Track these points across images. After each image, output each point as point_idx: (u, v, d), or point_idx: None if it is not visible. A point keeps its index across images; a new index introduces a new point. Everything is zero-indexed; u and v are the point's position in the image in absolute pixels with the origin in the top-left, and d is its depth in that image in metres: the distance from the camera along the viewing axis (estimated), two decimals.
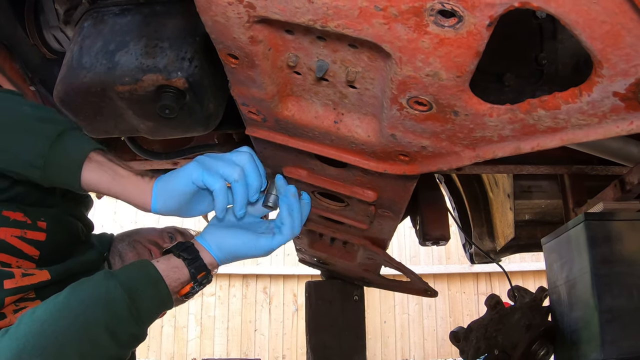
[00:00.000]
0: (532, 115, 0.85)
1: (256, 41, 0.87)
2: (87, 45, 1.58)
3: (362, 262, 2.06)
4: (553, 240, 2.09)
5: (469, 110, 0.87)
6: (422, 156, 1.04)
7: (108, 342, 1.14)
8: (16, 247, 1.32)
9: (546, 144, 0.89)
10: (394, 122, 0.95)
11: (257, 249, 1.31)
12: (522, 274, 7.06)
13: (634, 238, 1.85)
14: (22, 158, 1.18)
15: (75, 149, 1.21)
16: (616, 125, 0.82)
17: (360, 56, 0.87)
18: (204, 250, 1.31)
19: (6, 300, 1.24)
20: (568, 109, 0.81)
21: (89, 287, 1.17)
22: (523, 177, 2.71)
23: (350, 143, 1.07)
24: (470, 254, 3.32)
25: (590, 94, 0.77)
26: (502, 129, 0.90)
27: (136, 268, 1.24)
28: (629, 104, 0.77)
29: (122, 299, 1.15)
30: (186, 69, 1.50)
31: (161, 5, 1.62)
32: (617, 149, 2.02)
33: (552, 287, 2.10)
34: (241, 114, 1.13)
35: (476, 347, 2.11)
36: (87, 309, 1.13)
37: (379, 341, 7.25)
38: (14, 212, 1.33)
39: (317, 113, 1.05)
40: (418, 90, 0.85)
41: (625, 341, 1.73)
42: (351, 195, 1.28)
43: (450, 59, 0.77)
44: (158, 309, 1.24)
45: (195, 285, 1.27)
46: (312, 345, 2.70)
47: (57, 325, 1.10)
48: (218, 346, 7.10)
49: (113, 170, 1.24)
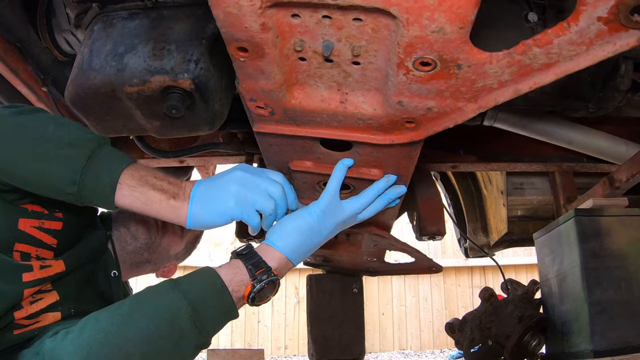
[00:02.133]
0: (527, 55, 0.88)
1: (267, 28, 0.88)
2: (97, 48, 1.59)
3: (367, 251, 2.06)
4: (544, 235, 2.10)
5: (471, 61, 0.89)
6: (428, 119, 1.05)
7: (171, 352, 1.12)
8: (35, 237, 1.33)
9: (542, 81, 0.92)
10: (400, 88, 0.96)
11: (313, 215, 1.28)
12: (514, 268, 7.06)
13: (622, 233, 1.85)
14: (56, 186, 1.17)
15: (105, 173, 1.18)
16: (602, 49, 0.86)
17: (365, 29, 0.88)
18: (267, 247, 1.27)
19: (25, 293, 1.25)
20: (559, 42, 0.85)
21: (153, 298, 1.15)
22: (516, 174, 2.72)
23: (357, 120, 1.08)
24: (465, 248, 3.32)
25: (578, 23, 0.82)
26: (502, 74, 0.92)
27: (201, 278, 1.19)
28: (612, 26, 0.81)
29: (186, 311, 1.12)
30: (192, 70, 1.50)
31: (168, 9, 1.63)
32: (606, 148, 2.02)
33: (543, 280, 2.10)
34: (248, 112, 1.13)
35: (471, 337, 2.12)
36: (151, 323, 1.10)
37: (377, 332, 7.26)
38: (32, 204, 1.34)
39: (323, 96, 1.06)
40: (424, 49, 0.86)
41: (613, 332, 1.74)
42: (358, 176, 1.29)
43: (453, 11, 0.78)
44: (223, 319, 1.20)
45: (255, 283, 1.20)
46: (313, 335, 2.71)
47: (122, 338, 1.08)
48: (223, 337, 7.11)
49: (145, 195, 1.21)
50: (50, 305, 1.32)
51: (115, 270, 1.54)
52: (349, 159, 1.27)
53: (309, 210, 1.29)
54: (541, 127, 1.97)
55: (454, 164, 2.40)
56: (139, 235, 1.65)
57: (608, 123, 2.24)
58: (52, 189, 1.18)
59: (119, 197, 1.19)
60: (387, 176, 1.30)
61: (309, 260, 2.40)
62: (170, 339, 1.11)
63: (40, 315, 1.29)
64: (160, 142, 1.98)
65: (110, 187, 1.18)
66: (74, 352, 1.09)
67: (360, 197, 1.31)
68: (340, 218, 1.31)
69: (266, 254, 1.25)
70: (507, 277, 2.35)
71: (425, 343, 7.25)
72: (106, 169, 1.19)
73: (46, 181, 1.17)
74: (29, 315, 1.27)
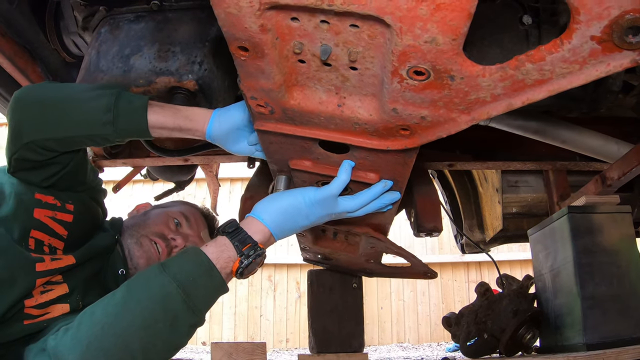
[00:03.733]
0: (520, 70, 0.86)
1: (266, 29, 0.88)
2: (104, 50, 1.59)
3: (365, 252, 2.06)
4: (538, 232, 2.10)
5: (464, 73, 0.88)
6: (422, 127, 1.05)
7: (168, 335, 1.13)
8: (49, 226, 1.37)
9: (535, 97, 0.91)
10: (395, 95, 0.96)
11: (306, 199, 1.28)
12: (509, 263, 7.07)
13: (614, 229, 1.85)
14: (94, 120, 1.27)
15: (135, 99, 1.30)
16: (595, 69, 0.84)
17: (361, 35, 0.88)
18: (253, 220, 1.28)
19: (37, 282, 1.27)
20: (552, 59, 0.83)
21: (144, 285, 1.15)
22: (510, 172, 2.71)
23: (353, 124, 1.08)
24: (461, 244, 3.32)
25: (571, 41, 0.80)
26: (494, 88, 0.91)
27: (188, 258, 1.20)
28: (605, 46, 0.79)
29: (177, 293, 1.13)
30: (196, 71, 1.50)
31: (173, 12, 1.63)
32: (599, 147, 2.02)
33: (537, 275, 2.10)
34: (249, 109, 1.13)
35: (467, 331, 2.12)
36: (145, 308, 1.11)
37: (376, 326, 7.27)
38: (46, 195, 1.38)
39: (321, 99, 1.05)
40: (417, 59, 0.86)
41: (605, 326, 1.74)
42: (355, 179, 1.29)
43: (445, 22, 0.78)
44: (213, 296, 1.20)
45: (243, 258, 1.21)
46: (313, 329, 2.71)
47: (118, 327, 1.09)
48: (226, 331, 7.12)
49: (173, 107, 1.35)
50: (60, 296, 1.34)
51: (123, 268, 1.55)
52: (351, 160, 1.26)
53: (303, 194, 1.29)
54: (536, 126, 1.98)
55: (451, 163, 2.41)
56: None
57: (600, 123, 2.24)
58: (91, 124, 1.27)
59: (151, 115, 1.29)
60: (384, 181, 1.29)
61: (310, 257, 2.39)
62: (165, 322, 1.11)
63: (50, 306, 1.31)
64: (165, 142, 1.98)
65: (142, 107, 1.29)
66: (73, 348, 1.10)
67: (356, 197, 1.31)
68: (332, 211, 1.31)
69: (251, 227, 1.26)
70: (502, 273, 2.35)
71: (422, 336, 7.25)
72: (135, 98, 1.31)
73: (85, 118, 1.27)
74: (38, 305, 1.28)
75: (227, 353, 2.93)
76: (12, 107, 1.30)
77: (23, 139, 1.28)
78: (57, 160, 1.36)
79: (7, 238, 1.26)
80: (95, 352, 1.08)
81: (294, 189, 1.32)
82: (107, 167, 2.38)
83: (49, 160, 1.34)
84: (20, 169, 1.36)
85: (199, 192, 7.50)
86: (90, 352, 1.08)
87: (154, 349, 1.12)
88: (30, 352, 1.20)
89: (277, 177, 1.42)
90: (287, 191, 1.32)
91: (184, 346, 1.22)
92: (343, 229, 1.84)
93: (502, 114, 0.98)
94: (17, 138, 1.29)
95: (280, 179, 1.41)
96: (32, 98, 1.29)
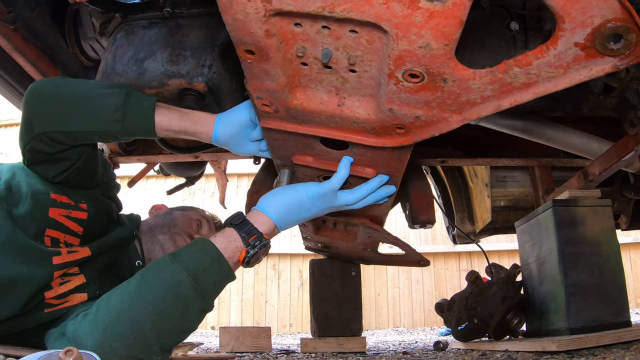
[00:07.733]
0: (508, 74, 0.87)
1: (271, 34, 0.89)
2: (119, 54, 1.59)
3: (362, 242, 2.06)
4: (525, 224, 2.10)
5: (456, 76, 0.88)
6: (416, 126, 1.05)
7: (180, 320, 1.14)
8: (64, 225, 1.35)
9: (522, 99, 0.91)
10: (391, 96, 0.96)
11: (308, 193, 1.29)
12: (498, 253, 7.06)
13: (595, 221, 1.86)
14: (103, 117, 1.25)
15: (143, 100, 1.28)
16: (579, 73, 0.84)
17: (360, 40, 0.88)
18: (258, 213, 1.28)
19: (55, 274, 1.26)
20: (538, 64, 0.84)
21: (157, 273, 1.15)
22: (499, 168, 2.72)
23: (352, 123, 1.08)
24: (453, 235, 3.33)
25: (556, 47, 0.80)
26: (484, 90, 0.91)
27: (197, 248, 1.20)
28: (588, 52, 0.80)
29: (187, 281, 1.13)
30: (206, 74, 1.50)
31: (184, 19, 1.63)
32: (581, 144, 2.02)
33: (524, 264, 2.11)
34: (255, 108, 1.14)
35: (458, 316, 2.13)
36: (157, 295, 1.11)
37: (373, 311, 7.28)
38: (59, 195, 1.37)
39: (322, 99, 1.06)
40: (412, 62, 0.86)
41: (587, 311, 1.74)
42: (353, 174, 1.29)
43: (439, 29, 0.78)
44: (222, 283, 1.21)
45: (249, 249, 1.22)
46: (315, 314, 2.72)
47: (132, 312, 1.10)
48: (234, 316, 7.13)
49: (179, 110, 1.33)
50: (78, 286, 1.34)
51: (140, 261, 1.55)
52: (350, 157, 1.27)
53: (305, 188, 1.30)
54: (522, 125, 1.98)
55: (443, 159, 2.41)
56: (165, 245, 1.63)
57: (583, 122, 2.24)
58: (100, 120, 1.25)
59: (158, 116, 1.28)
60: (381, 176, 1.30)
61: (311, 246, 2.40)
62: (177, 307, 1.12)
63: (69, 296, 1.31)
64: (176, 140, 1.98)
65: (150, 108, 1.27)
66: (91, 332, 1.11)
67: (354, 191, 1.31)
68: (332, 204, 1.32)
69: (256, 219, 1.27)
70: (491, 262, 2.36)
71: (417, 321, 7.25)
72: (144, 98, 1.29)
73: (95, 114, 1.25)
74: (57, 295, 1.28)
75: (235, 337, 2.95)
76: (27, 100, 1.28)
77: (34, 130, 1.26)
78: (67, 156, 1.33)
79: (24, 236, 1.25)
80: (111, 335, 1.09)
81: (296, 184, 1.32)
82: (122, 163, 2.39)
83: (59, 155, 1.32)
84: (34, 161, 1.34)
85: (208, 187, 7.51)
86: (107, 336, 1.09)
87: (166, 333, 1.13)
88: (51, 336, 1.21)
89: (281, 171, 1.43)
90: (290, 185, 1.32)
91: (195, 330, 1.23)
92: (342, 219, 1.84)
93: (491, 114, 0.99)
94: (29, 129, 1.28)
95: (284, 172, 1.42)
96: (47, 92, 1.27)
